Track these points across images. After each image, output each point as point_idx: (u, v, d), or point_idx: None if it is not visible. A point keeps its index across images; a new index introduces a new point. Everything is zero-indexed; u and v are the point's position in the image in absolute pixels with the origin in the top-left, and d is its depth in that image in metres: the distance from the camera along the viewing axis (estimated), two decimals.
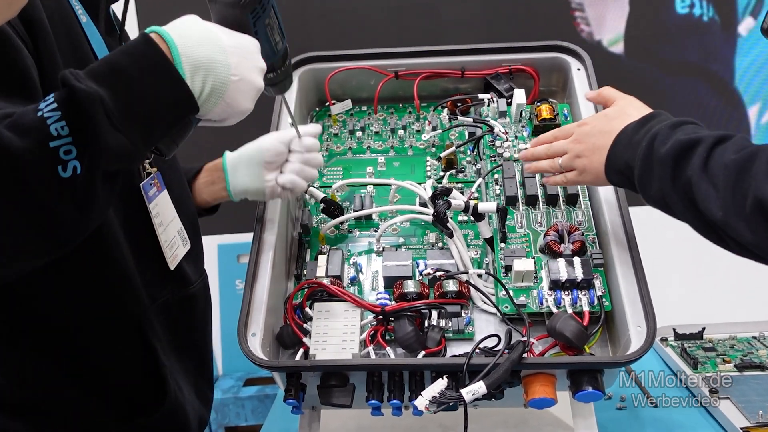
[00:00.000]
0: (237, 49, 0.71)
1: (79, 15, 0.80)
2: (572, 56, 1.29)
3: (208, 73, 0.68)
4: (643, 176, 0.82)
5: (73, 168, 0.61)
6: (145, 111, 0.65)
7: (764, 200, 0.65)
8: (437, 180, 1.21)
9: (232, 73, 0.70)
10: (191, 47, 0.67)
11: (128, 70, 0.64)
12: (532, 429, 1.18)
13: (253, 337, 0.96)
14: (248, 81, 0.72)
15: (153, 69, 0.65)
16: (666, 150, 0.77)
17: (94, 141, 0.62)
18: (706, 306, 1.74)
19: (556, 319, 0.94)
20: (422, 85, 1.31)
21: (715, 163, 0.72)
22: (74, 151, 0.61)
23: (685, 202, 0.76)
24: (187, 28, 0.69)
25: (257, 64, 0.75)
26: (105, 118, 0.62)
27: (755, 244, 0.68)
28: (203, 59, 0.68)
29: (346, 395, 0.95)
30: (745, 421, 1.13)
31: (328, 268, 1.08)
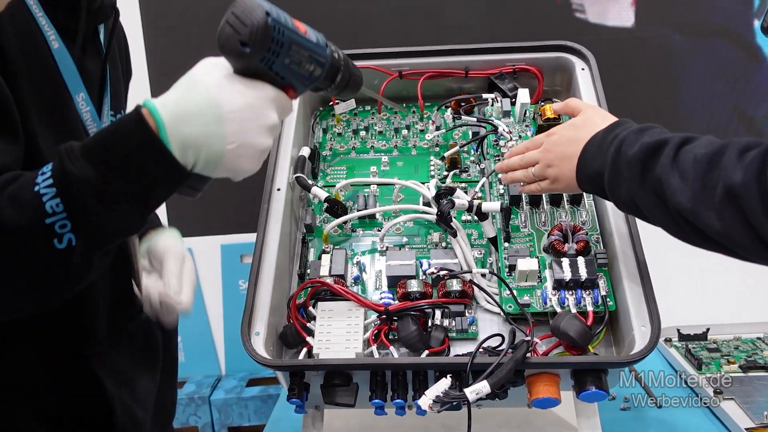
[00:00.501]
0: (238, 113, 0.68)
1: (51, 41, 0.79)
2: (576, 56, 1.29)
3: (199, 148, 0.67)
4: (612, 181, 0.83)
5: (68, 240, 0.63)
6: (137, 188, 0.66)
7: (733, 188, 0.66)
8: (441, 179, 1.21)
9: (228, 142, 0.68)
10: (180, 125, 0.66)
11: (118, 149, 0.65)
12: (535, 429, 1.18)
13: (256, 337, 0.96)
14: (248, 145, 0.69)
15: (142, 148, 0.65)
16: (633, 153, 0.79)
17: (87, 220, 0.64)
18: (710, 307, 1.73)
19: (559, 318, 0.94)
20: (426, 85, 1.31)
21: (684, 159, 0.74)
22: (69, 225, 0.63)
23: (654, 200, 0.77)
24: (183, 96, 0.68)
25: (264, 122, 0.70)
26: (94, 200, 0.63)
27: (724, 234, 0.69)
28: (193, 135, 0.66)
29: (349, 394, 0.94)
30: (750, 421, 1.13)
31: (331, 268, 1.08)
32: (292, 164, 1.19)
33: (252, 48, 0.67)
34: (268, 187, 1.15)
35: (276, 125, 0.73)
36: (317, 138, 1.32)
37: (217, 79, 0.69)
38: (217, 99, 0.67)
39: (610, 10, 2.28)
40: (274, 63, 0.70)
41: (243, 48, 0.67)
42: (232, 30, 0.67)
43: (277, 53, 0.70)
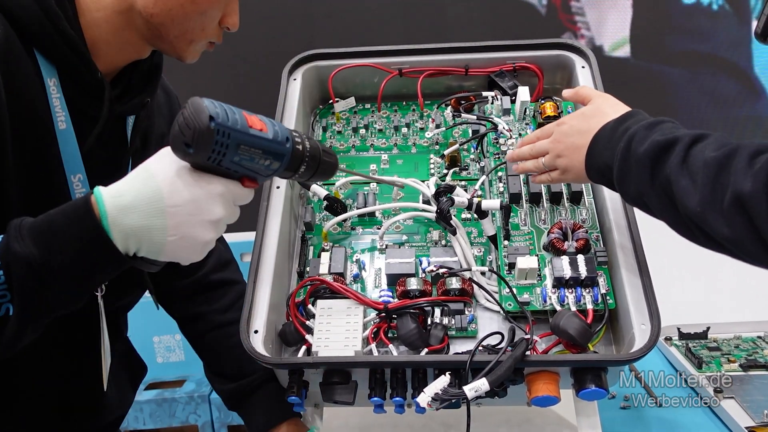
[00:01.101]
0: (181, 207, 0.70)
1: (57, 121, 0.82)
2: (577, 54, 1.28)
3: (140, 238, 0.70)
4: (621, 176, 0.83)
5: (6, 309, 0.65)
6: (77, 271, 0.69)
7: (742, 195, 0.66)
8: (441, 177, 1.21)
9: (169, 234, 0.70)
10: (123, 216, 0.69)
11: (63, 234, 0.68)
12: (535, 427, 1.18)
13: (255, 335, 0.96)
14: (189, 238, 0.71)
15: (85, 235, 0.68)
16: (644, 150, 0.78)
17: (24, 296, 0.66)
18: (710, 305, 1.73)
19: (559, 316, 0.93)
20: (426, 83, 1.31)
21: (694, 160, 0.73)
22: (8, 296, 0.65)
23: (663, 200, 0.77)
24: (130, 187, 0.70)
25: (206, 217, 0.72)
26: (34, 280, 0.66)
27: (731, 239, 0.69)
28: (134, 227, 0.69)
29: (348, 392, 0.94)
30: (750, 420, 1.13)
31: (331, 266, 1.07)
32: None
33: (195, 149, 0.69)
34: (268, 184, 1.15)
35: (220, 219, 0.74)
36: (317, 136, 1.32)
37: (167, 173, 0.71)
38: (162, 192, 0.70)
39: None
40: (222, 161, 0.71)
41: (188, 149, 0.69)
42: (179, 131, 0.69)
43: (223, 153, 0.71)
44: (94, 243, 0.68)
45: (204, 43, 0.91)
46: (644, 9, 2.30)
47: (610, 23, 2.30)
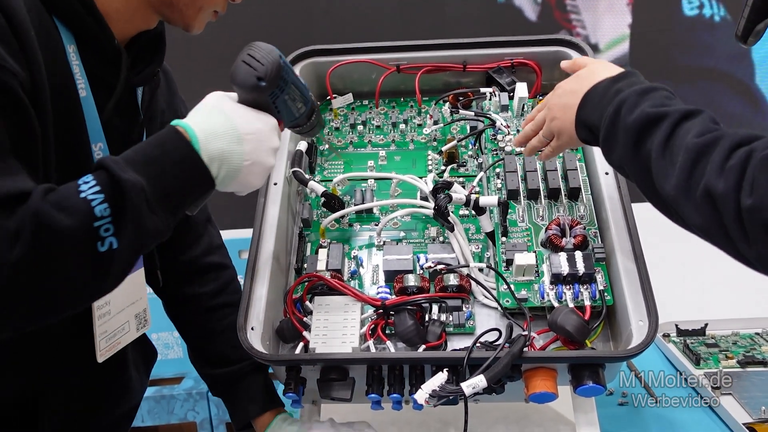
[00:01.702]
0: (252, 135, 0.80)
1: (79, 88, 0.82)
2: (575, 50, 1.28)
3: (222, 162, 0.77)
4: (606, 141, 0.82)
5: (109, 244, 0.68)
6: (175, 196, 0.74)
7: (713, 192, 0.66)
8: (438, 174, 1.20)
9: (245, 159, 0.79)
10: (209, 141, 0.76)
11: (160, 161, 0.73)
12: (533, 424, 1.18)
13: (252, 331, 0.96)
14: (259, 163, 0.81)
15: (182, 161, 0.74)
16: (632, 120, 0.77)
17: (135, 223, 0.70)
18: (708, 302, 1.73)
19: (557, 313, 0.93)
20: (424, 79, 1.30)
21: (677, 141, 0.73)
22: (112, 229, 0.68)
23: (643, 174, 0.77)
24: (208, 120, 0.78)
25: (271, 145, 0.83)
26: (145, 205, 0.70)
27: (701, 228, 0.70)
28: (219, 151, 0.76)
29: (346, 389, 0.94)
30: (748, 417, 1.13)
31: (328, 262, 1.07)
32: (289, 158, 1.19)
33: (267, 83, 0.81)
34: (265, 181, 1.14)
35: (278, 148, 0.85)
36: None
37: (232, 107, 0.81)
38: (235, 122, 0.79)
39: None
40: (278, 98, 0.85)
41: (259, 82, 0.81)
42: (249, 67, 0.81)
43: (282, 89, 0.84)
44: (190, 166, 0.75)
45: (210, 12, 0.92)
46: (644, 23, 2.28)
47: (606, 23, 2.29)
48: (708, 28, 2.28)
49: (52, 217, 0.65)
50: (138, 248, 0.72)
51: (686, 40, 2.29)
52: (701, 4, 2.28)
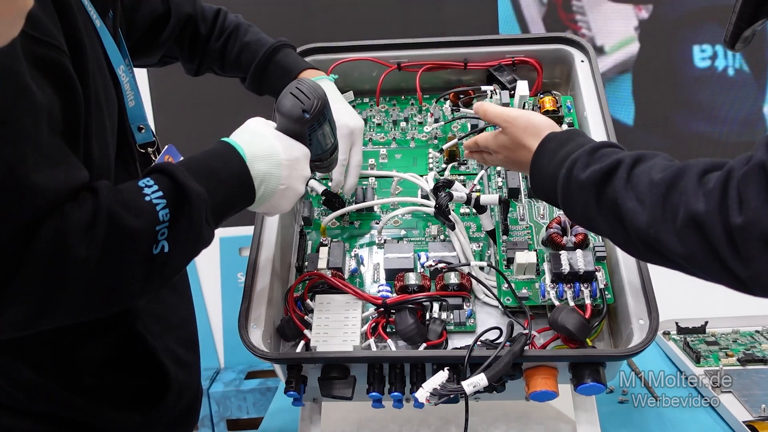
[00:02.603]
0: (290, 162, 0.84)
1: (94, 19, 0.82)
2: (576, 48, 1.28)
3: (262, 182, 0.81)
4: (566, 204, 0.82)
5: (161, 247, 0.70)
6: (224, 208, 0.79)
7: (696, 215, 0.65)
8: (439, 172, 1.20)
9: (281, 183, 0.83)
10: (255, 161, 0.81)
11: (220, 174, 0.77)
12: (533, 422, 1.18)
13: (254, 329, 0.96)
14: (292, 189, 0.86)
15: (237, 176, 0.79)
16: (585, 177, 0.77)
17: (192, 231, 0.72)
18: (708, 300, 1.72)
19: (558, 311, 0.93)
20: (425, 77, 1.30)
21: (638, 181, 0.72)
22: (167, 233, 0.70)
23: (611, 222, 0.76)
24: (253, 141, 0.82)
25: (303, 173, 0.88)
26: (204, 215, 0.73)
27: (686, 256, 0.68)
28: (262, 172, 0.81)
29: (347, 387, 0.94)
30: (748, 415, 1.13)
31: (329, 260, 1.07)
32: None
33: (310, 116, 0.87)
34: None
35: (308, 177, 0.89)
36: None
37: (274, 134, 0.85)
38: (277, 148, 0.83)
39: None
40: (315, 131, 0.89)
41: (304, 114, 0.86)
42: (297, 100, 0.86)
43: (321, 124, 0.89)
44: (242, 182, 0.80)
45: None
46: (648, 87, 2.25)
47: (612, 24, 2.28)
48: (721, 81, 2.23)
49: (123, 217, 0.67)
50: (189, 255, 0.75)
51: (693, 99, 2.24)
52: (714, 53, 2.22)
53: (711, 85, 2.23)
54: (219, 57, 1.15)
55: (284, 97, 0.87)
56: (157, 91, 2.19)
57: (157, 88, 2.19)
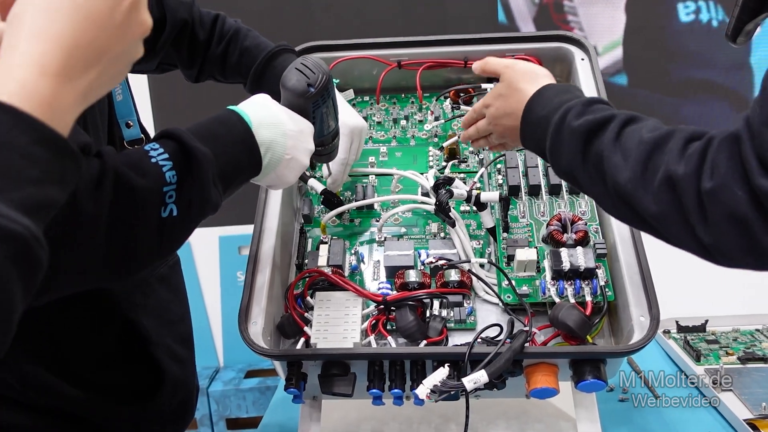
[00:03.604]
0: (295, 133, 0.84)
1: None
2: (576, 46, 1.28)
3: (268, 149, 0.81)
4: (553, 148, 0.82)
5: (170, 210, 0.70)
6: (230, 173, 0.78)
7: (674, 176, 0.67)
8: (439, 170, 1.20)
9: (286, 152, 0.83)
10: (260, 128, 0.81)
11: (224, 138, 0.77)
12: (533, 419, 1.18)
13: (254, 326, 0.96)
14: (297, 160, 0.86)
15: (242, 141, 0.79)
16: (578, 124, 0.78)
17: (200, 193, 0.72)
18: (709, 298, 1.73)
19: (558, 308, 0.93)
20: (425, 75, 1.30)
21: (628, 138, 0.74)
22: (174, 196, 0.70)
23: (592, 174, 0.77)
24: (258, 110, 0.82)
25: (308, 146, 0.88)
26: (211, 176, 0.72)
27: (656, 216, 0.70)
28: (267, 139, 0.81)
29: (347, 384, 0.94)
30: (748, 413, 1.13)
31: (329, 258, 1.07)
32: None
33: (315, 90, 0.87)
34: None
35: (312, 151, 0.89)
36: None
37: (279, 107, 0.86)
38: (281, 119, 0.84)
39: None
40: (318, 108, 0.90)
41: (309, 88, 0.87)
42: (301, 74, 0.88)
43: (324, 100, 0.90)
44: (248, 147, 0.79)
45: None
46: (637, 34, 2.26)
47: (604, 24, 2.28)
48: (705, 34, 2.25)
49: (130, 177, 0.66)
50: (195, 218, 0.74)
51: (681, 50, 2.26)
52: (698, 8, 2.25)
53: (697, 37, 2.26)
54: (220, 63, 1.15)
55: (289, 71, 0.88)
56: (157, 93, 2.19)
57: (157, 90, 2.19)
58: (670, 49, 2.27)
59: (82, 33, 0.50)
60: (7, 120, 0.46)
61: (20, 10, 0.50)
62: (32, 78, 0.48)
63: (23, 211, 0.45)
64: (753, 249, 0.63)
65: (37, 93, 0.48)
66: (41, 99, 0.48)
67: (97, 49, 0.52)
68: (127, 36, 0.55)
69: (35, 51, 0.49)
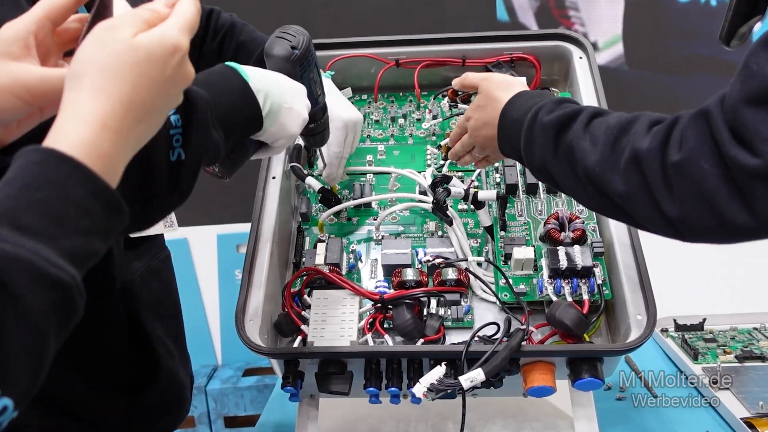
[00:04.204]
0: (289, 86, 0.86)
1: None
2: (574, 44, 1.28)
3: (267, 99, 0.82)
4: (527, 146, 0.84)
5: (178, 154, 0.69)
6: (230, 118, 0.78)
7: (638, 153, 0.68)
8: (437, 168, 1.20)
9: (284, 102, 0.84)
10: (256, 80, 0.81)
11: (220, 85, 0.78)
12: (531, 418, 1.18)
13: (250, 324, 0.96)
14: (297, 111, 0.86)
15: (238, 89, 0.79)
16: (548, 119, 0.80)
17: (201, 135, 0.72)
18: (707, 297, 1.73)
19: (555, 307, 0.93)
20: (423, 74, 1.30)
21: (596, 126, 0.76)
22: (181, 140, 0.69)
23: (564, 167, 0.79)
24: (252, 68, 0.83)
25: (304, 101, 0.88)
26: (210, 117, 0.73)
27: (626, 197, 0.71)
28: (264, 87, 0.82)
29: (343, 383, 0.94)
30: (746, 411, 1.13)
31: (326, 256, 1.07)
32: (287, 153, 1.19)
33: (299, 52, 0.90)
34: (263, 175, 1.14)
35: (308, 107, 0.89)
36: None
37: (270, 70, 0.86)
38: (276, 75, 0.85)
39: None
40: (305, 72, 0.92)
41: (293, 51, 0.90)
42: (283, 39, 0.91)
43: (309, 64, 0.92)
44: (244, 94, 0.80)
45: None
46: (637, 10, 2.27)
47: (605, 19, 2.27)
48: (704, 15, 2.25)
49: None
50: (200, 160, 0.74)
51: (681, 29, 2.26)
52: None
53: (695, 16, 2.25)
54: (215, 58, 1.15)
55: (271, 41, 0.91)
56: None
57: None
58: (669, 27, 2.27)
59: (137, 90, 0.53)
60: (66, 170, 0.48)
61: (80, 69, 0.53)
62: (94, 132, 0.51)
63: (70, 260, 0.47)
64: (719, 221, 0.64)
65: (96, 147, 0.51)
66: (99, 152, 0.51)
67: (149, 104, 0.55)
68: (174, 89, 0.58)
69: (96, 107, 0.51)
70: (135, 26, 0.55)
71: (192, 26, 0.59)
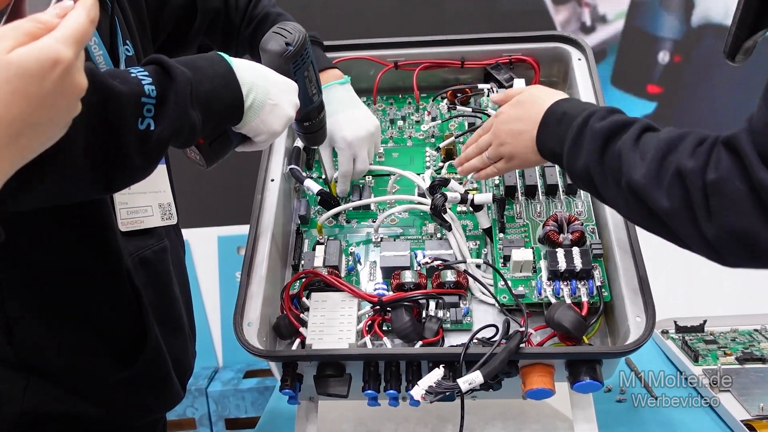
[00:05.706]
0: (278, 83, 0.86)
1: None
2: (573, 46, 1.28)
3: (251, 90, 0.82)
4: (572, 149, 0.84)
5: (147, 124, 0.71)
6: (212, 103, 0.79)
7: (683, 171, 0.70)
8: (436, 170, 1.20)
9: (269, 97, 0.84)
10: (242, 70, 0.82)
11: (206, 70, 0.79)
12: (530, 420, 1.18)
13: (249, 327, 0.96)
14: (282, 108, 0.86)
15: (222, 75, 0.80)
16: (600, 125, 0.81)
17: (177, 110, 0.73)
18: (707, 299, 1.72)
19: (554, 309, 0.93)
20: (422, 76, 1.30)
21: (647, 140, 0.77)
22: (153, 111, 0.72)
23: (608, 174, 0.80)
24: (242, 60, 0.84)
25: (292, 99, 0.88)
26: (189, 96, 0.74)
27: (669, 213, 0.72)
28: (249, 80, 0.82)
29: (342, 385, 0.94)
30: (746, 414, 1.13)
31: (325, 259, 1.07)
32: (286, 155, 1.19)
33: (294, 48, 0.90)
34: (262, 177, 1.14)
35: (297, 106, 0.90)
36: None
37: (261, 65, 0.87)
38: (264, 71, 0.86)
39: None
40: (299, 70, 0.92)
41: (287, 47, 0.90)
42: (279, 35, 0.91)
43: (303, 62, 0.92)
44: (228, 81, 0.81)
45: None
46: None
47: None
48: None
49: (109, 82, 0.68)
50: (172, 135, 0.74)
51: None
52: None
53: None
54: (248, 45, 1.16)
55: (267, 36, 0.92)
56: None
57: None
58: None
59: (9, 108, 0.50)
60: None
61: None
62: None
63: None
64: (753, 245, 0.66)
65: None
66: None
67: (27, 120, 0.52)
68: (60, 101, 0.54)
69: None
70: (14, 39, 0.51)
71: (81, 37, 0.54)
